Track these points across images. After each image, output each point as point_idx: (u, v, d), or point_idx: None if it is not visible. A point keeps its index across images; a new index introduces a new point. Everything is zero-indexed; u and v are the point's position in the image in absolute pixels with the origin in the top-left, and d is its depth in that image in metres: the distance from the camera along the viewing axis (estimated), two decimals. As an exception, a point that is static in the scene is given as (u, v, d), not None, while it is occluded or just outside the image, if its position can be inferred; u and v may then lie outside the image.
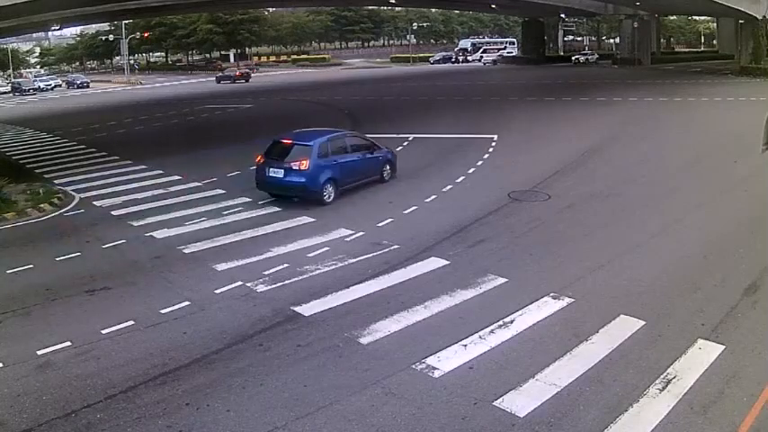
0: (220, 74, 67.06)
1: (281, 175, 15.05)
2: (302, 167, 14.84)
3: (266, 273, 10.83)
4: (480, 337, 8.37)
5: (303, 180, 14.86)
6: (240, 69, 68.52)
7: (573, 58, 71.68)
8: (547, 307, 9.26)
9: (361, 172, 16.33)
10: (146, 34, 78.57)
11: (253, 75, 65.36)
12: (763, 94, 32.82)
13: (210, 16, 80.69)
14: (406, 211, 14.40)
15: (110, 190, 17.44)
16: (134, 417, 6.87)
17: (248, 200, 15.75)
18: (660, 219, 13.33)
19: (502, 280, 10.26)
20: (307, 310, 9.39)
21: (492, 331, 8.54)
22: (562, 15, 70.04)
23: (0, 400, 7.24)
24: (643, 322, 8.64)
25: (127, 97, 50.70)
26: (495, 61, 76.74)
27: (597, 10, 64.95)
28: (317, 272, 10.88)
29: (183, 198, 16.26)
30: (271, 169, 15.25)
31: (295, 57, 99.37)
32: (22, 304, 9.84)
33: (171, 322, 9.14)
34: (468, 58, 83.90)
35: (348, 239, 12.54)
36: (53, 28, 48.23)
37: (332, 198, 15.23)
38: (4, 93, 58.63)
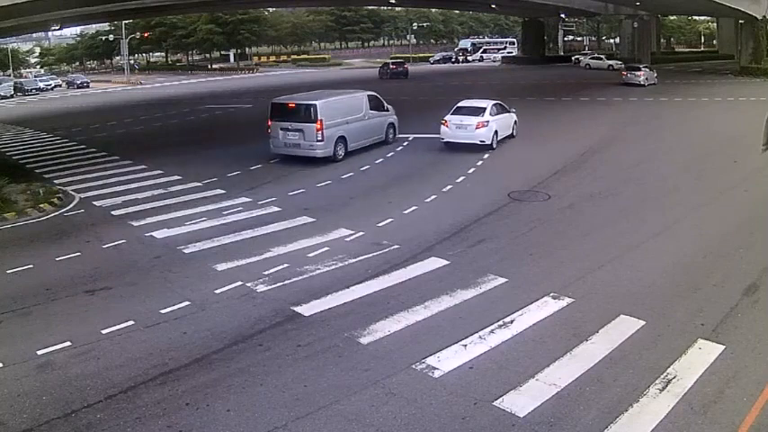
0: None
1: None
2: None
3: (266, 273, 10.83)
4: (480, 337, 8.37)
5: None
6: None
7: (573, 58, 71.66)
8: (547, 307, 9.26)
9: None
10: (146, 34, 78.46)
11: (252, 74, 65.02)
12: (763, 94, 32.87)
13: (210, 16, 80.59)
14: (406, 211, 14.39)
15: (110, 190, 17.43)
16: (134, 417, 6.87)
17: (248, 200, 15.75)
18: (660, 219, 13.33)
19: (502, 280, 10.25)
20: (307, 310, 9.39)
21: (492, 331, 8.54)
22: (562, 15, 69.98)
23: (0, 400, 7.24)
24: (643, 322, 8.64)
25: (127, 97, 50.69)
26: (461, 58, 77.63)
27: (597, 10, 64.93)
28: (317, 272, 10.88)
29: (183, 198, 16.26)
30: None
31: (295, 57, 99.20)
32: (22, 304, 9.84)
33: (171, 322, 9.14)
34: (469, 58, 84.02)
35: (348, 239, 12.54)
36: (53, 28, 48.14)
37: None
38: (7, 96, 58.04)
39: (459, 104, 22.31)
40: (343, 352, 8.15)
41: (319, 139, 19.24)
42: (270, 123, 20.18)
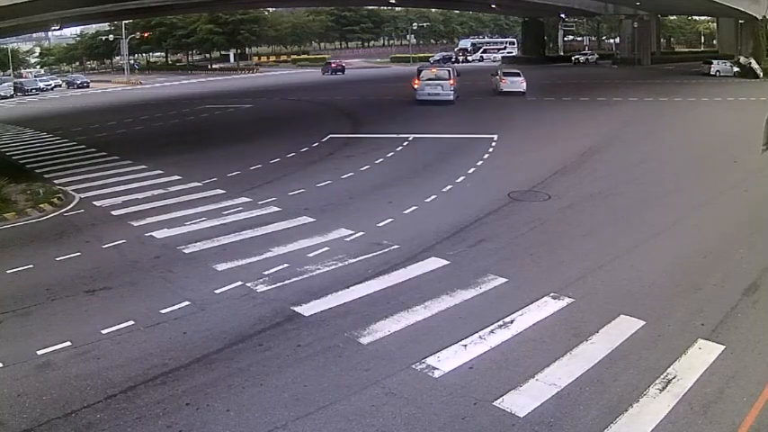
0: None
1: None
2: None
3: (266, 273, 10.82)
4: (480, 337, 8.37)
5: None
6: None
7: (573, 58, 71.76)
8: (547, 307, 9.25)
9: None
10: (146, 34, 78.55)
11: (252, 74, 65.06)
12: (763, 95, 32.87)
13: (210, 16, 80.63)
14: (406, 211, 14.39)
15: (110, 190, 17.43)
16: (134, 417, 6.87)
17: (248, 200, 15.75)
18: (660, 219, 13.33)
19: (502, 280, 10.25)
20: (307, 310, 9.38)
21: (492, 331, 8.53)
22: (562, 15, 70.06)
23: (0, 400, 7.24)
24: (643, 322, 8.63)
25: (127, 97, 50.71)
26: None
27: (597, 10, 64.99)
28: (317, 272, 10.88)
29: (183, 198, 16.25)
30: None
31: (295, 57, 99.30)
32: (22, 304, 9.84)
33: (171, 322, 9.13)
34: (469, 58, 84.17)
35: (348, 239, 12.53)
36: (53, 28, 48.14)
37: None
38: (7, 96, 57.87)
39: (504, 71, 39.94)
40: (343, 352, 8.15)
41: (452, 89, 33.55)
42: (417, 81, 34.21)
